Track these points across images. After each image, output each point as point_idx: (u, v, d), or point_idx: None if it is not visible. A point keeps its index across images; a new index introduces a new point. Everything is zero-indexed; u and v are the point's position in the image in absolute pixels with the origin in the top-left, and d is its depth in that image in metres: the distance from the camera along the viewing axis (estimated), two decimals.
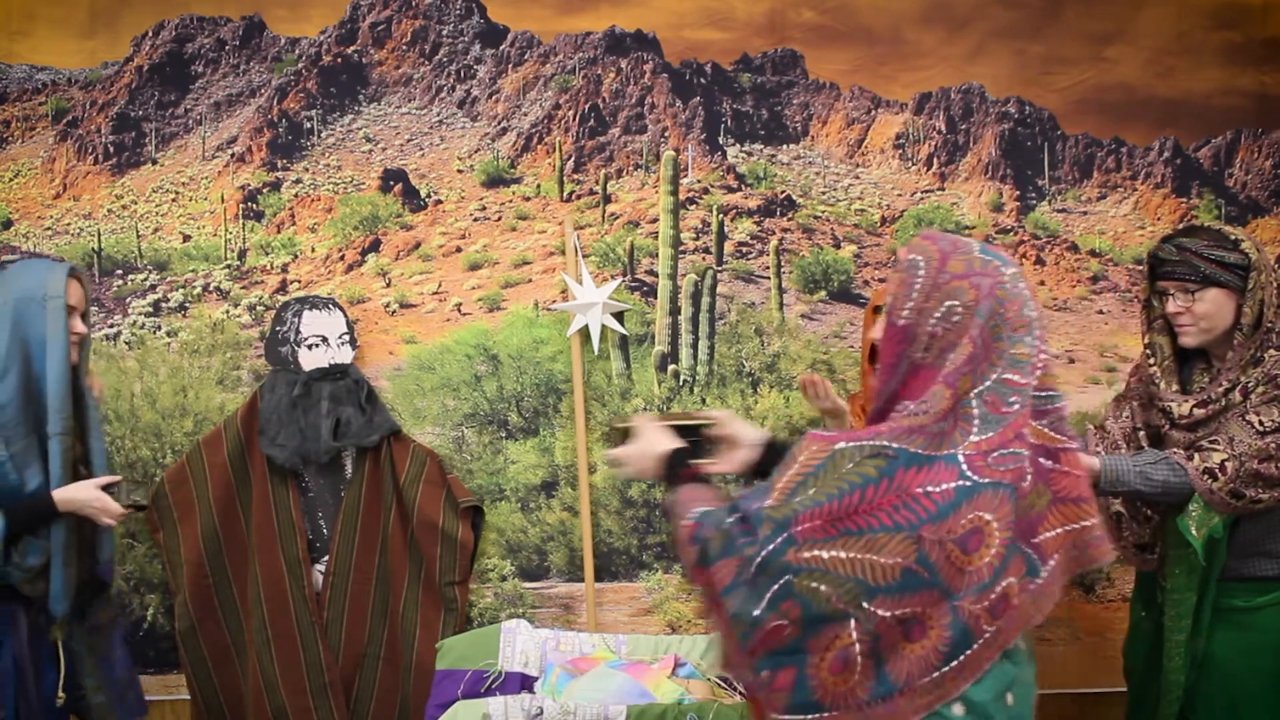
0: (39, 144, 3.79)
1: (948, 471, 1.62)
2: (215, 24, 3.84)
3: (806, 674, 1.64)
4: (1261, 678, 2.51)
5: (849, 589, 1.61)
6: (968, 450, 1.64)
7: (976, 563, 1.63)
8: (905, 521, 1.60)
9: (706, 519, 1.73)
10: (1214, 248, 2.48)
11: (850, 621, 1.62)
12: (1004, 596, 1.65)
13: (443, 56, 3.90)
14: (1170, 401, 2.56)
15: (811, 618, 1.63)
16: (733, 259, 3.83)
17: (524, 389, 3.79)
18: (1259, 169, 3.95)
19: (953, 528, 1.61)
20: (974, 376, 1.66)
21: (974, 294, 1.68)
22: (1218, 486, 2.41)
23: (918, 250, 1.74)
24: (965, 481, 1.62)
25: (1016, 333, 1.69)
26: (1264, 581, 2.51)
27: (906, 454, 1.63)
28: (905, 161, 3.94)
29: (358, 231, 3.81)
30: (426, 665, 3.19)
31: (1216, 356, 2.57)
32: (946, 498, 1.61)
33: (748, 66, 3.90)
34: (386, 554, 3.41)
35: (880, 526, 1.60)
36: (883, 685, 1.63)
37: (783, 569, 1.62)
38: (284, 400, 3.34)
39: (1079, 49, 3.89)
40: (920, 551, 1.60)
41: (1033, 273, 3.92)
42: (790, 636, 1.64)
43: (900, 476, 1.62)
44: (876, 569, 1.60)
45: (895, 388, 1.71)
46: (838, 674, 1.63)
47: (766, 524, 1.64)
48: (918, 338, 1.69)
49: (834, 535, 1.61)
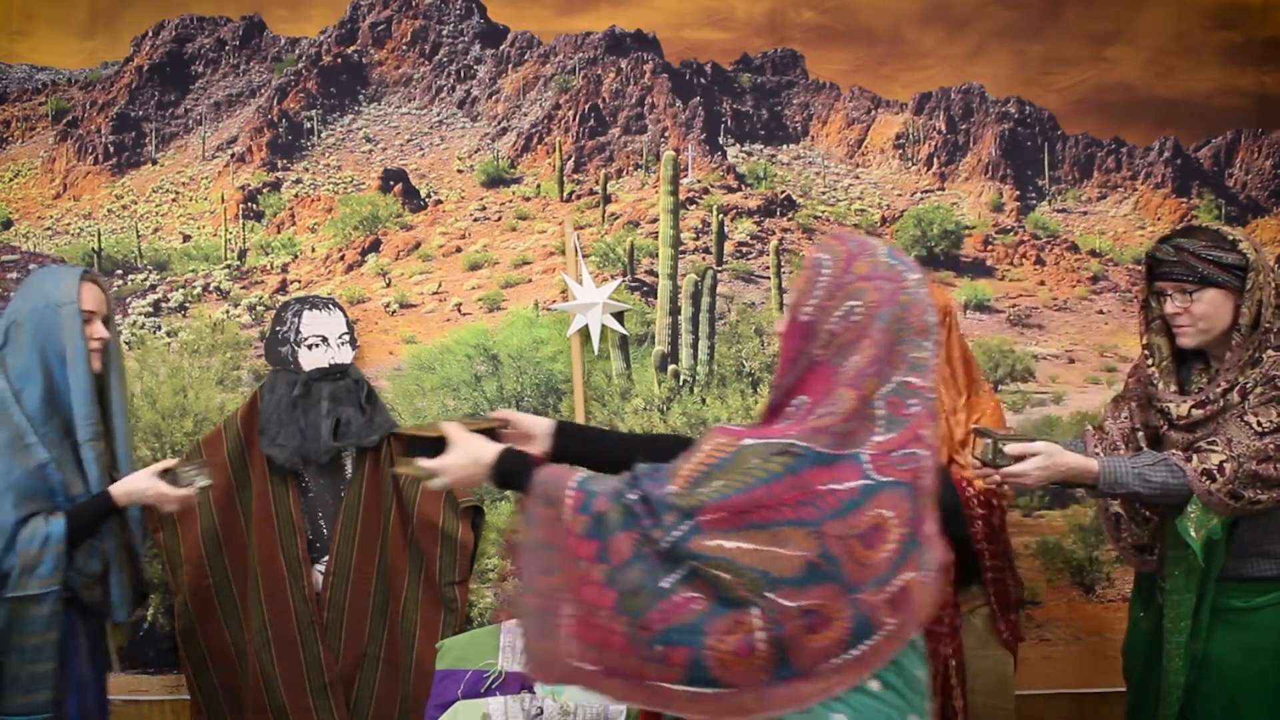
0: (39, 144, 3.79)
1: (851, 470, 1.68)
2: (215, 24, 3.84)
3: (703, 655, 1.68)
4: (1261, 678, 2.50)
5: (752, 579, 1.66)
6: (871, 450, 1.69)
7: (876, 557, 1.68)
8: (809, 517, 1.66)
9: (597, 489, 1.76)
10: (1212, 248, 2.48)
11: (753, 609, 1.67)
12: (904, 590, 1.72)
13: (443, 56, 3.90)
14: (1169, 402, 2.56)
15: (718, 601, 1.67)
16: (733, 259, 3.83)
17: (524, 389, 3.79)
18: (1259, 169, 3.95)
19: (855, 524, 1.67)
20: (878, 379, 1.71)
21: (876, 296, 1.73)
22: (1216, 488, 2.41)
23: (825, 249, 1.80)
24: (868, 480, 1.68)
25: (918, 337, 1.74)
26: (1263, 582, 2.51)
27: (813, 453, 1.68)
28: (905, 161, 3.94)
29: (358, 231, 3.81)
30: (426, 665, 3.19)
31: (1215, 357, 2.56)
32: (850, 495, 1.67)
33: (748, 66, 3.90)
34: (386, 554, 3.41)
35: (785, 521, 1.66)
36: (784, 669, 1.68)
37: (687, 556, 1.68)
38: (284, 400, 3.34)
39: (1079, 49, 3.89)
40: (823, 546, 1.66)
41: (1033, 272, 3.92)
42: (697, 613, 1.68)
43: (805, 474, 1.67)
44: (780, 561, 1.66)
45: (793, 382, 1.76)
46: (742, 656, 1.68)
47: (672, 512, 1.69)
48: (818, 335, 1.74)
49: (739, 527, 1.67)
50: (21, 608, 2.58)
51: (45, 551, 2.57)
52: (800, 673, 1.69)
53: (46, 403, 2.62)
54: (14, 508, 2.57)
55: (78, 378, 2.63)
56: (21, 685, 2.57)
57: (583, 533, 1.75)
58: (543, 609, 1.78)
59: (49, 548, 2.57)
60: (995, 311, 3.90)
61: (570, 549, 1.76)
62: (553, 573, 1.78)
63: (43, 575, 2.57)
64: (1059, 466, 2.46)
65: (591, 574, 1.73)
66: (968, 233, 3.91)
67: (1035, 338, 3.91)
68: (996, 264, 3.92)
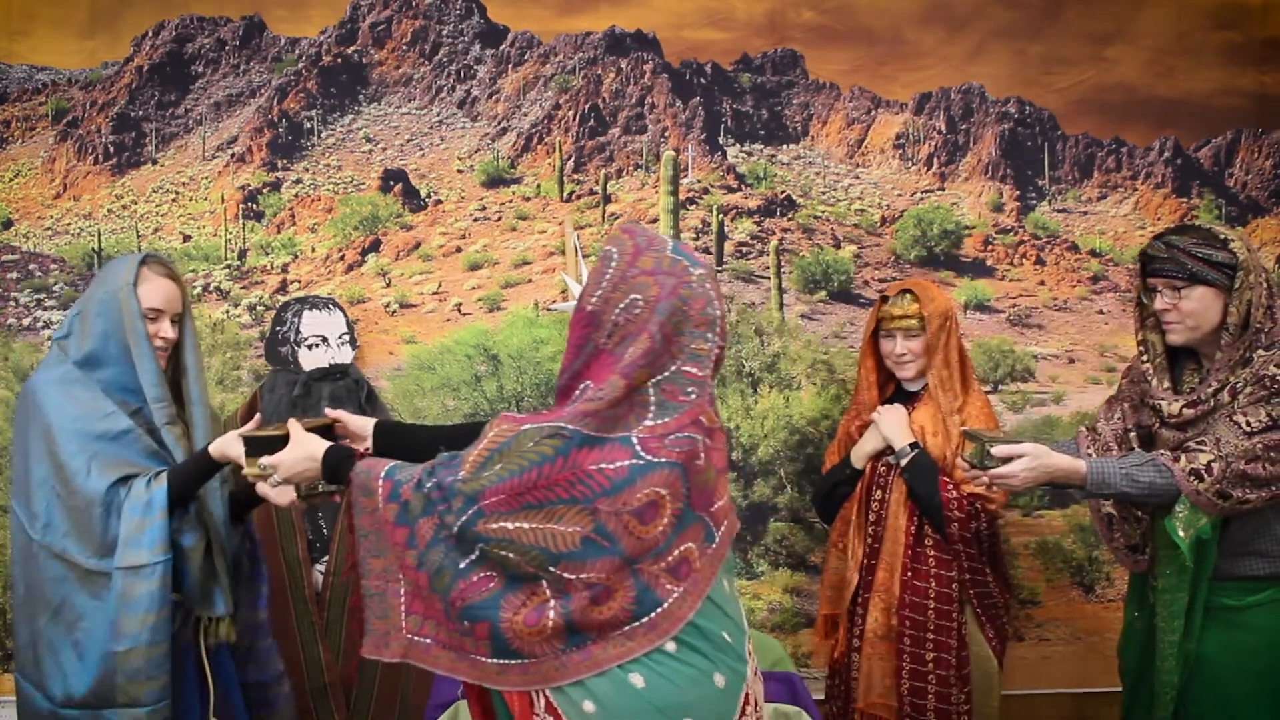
0: (39, 144, 3.79)
1: (621, 451, 1.79)
2: (215, 24, 3.84)
3: (500, 628, 1.80)
4: (1254, 677, 2.51)
5: (534, 556, 1.77)
6: (641, 433, 1.80)
7: (652, 531, 1.80)
8: (581, 495, 1.77)
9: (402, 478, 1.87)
10: (1202, 246, 2.48)
11: (543, 581, 1.79)
12: (684, 560, 1.84)
13: (443, 56, 3.91)
14: (1161, 399, 2.56)
15: (510, 577, 1.79)
16: (733, 259, 3.83)
17: (524, 389, 3.79)
18: (1259, 169, 3.95)
19: (628, 500, 1.78)
20: (651, 369, 1.82)
21: (657, 290, 1.83)
22: (1204, 488, 2.41)
23: (615, 242, 1.90)
24: (638, 460, 1.79)
25: (698, 329, 1.85)
26: (1255, 581, 2.51)
27: (580, 435, 1.78)
28: (905, 161, 3.94)
29: (358, 231, 3.81)
30: None
31: (1205, 356, 2.57)
32: (620, 474, 1.78)
33: (748, 66, 3.90)
34: None
35: (558, 499, 1.77)
36: (576, 637, 1.80)
37: (474, 538, 1.79)
38: (284, 400, 3.33)
39: (1079, 49, 3.89)
40: (597, 522, 1.77)
41: (1033, 273, 3.92)
42: (492, 590, 1.80)
43: (574, 455, 1.78)
44: (557, 537, 1.77)
45: (579, 367, 1.87)
46: (532, 626, 1.79)
47: (459, 497, 1.80)
48: (603, 324, 1.85)
49: (517, 508, 1.78)
50: (130, 582, 2.35)
51: (148, 520, 2.36)
52: (593, 638, 1.80)
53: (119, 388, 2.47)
54: (100, 476, 2.37)
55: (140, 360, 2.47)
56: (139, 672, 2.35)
57: (394, 520, 1.87)
58: (380, 590, 1.89)
59: (151, 515, 2.36)
60: (995, 311, 3.90)
61: (388, 535, 1.88)
62: (382, 555, 1.89)
63: (150, 545, 2.35)
64: (1046, 468, 2.47)
65: (406, 557, 1.85)
66: (968, 233, 3.91)
67: (1035, 338, 3.91)
68: (996, 264, 3.92)
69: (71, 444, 2.40)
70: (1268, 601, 2.50)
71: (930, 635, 2.99)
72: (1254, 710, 2.50)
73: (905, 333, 3.07)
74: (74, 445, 2.40)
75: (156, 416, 2.49)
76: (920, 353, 3.08)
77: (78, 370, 2.47)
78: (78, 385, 2.46)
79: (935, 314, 3.04)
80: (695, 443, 1.84)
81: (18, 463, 2.50)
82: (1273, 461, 2.38)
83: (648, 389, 1.82)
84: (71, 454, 2.39)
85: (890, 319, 3.09)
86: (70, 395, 2.44)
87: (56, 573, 2.40)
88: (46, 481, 2.41)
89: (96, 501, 2.37)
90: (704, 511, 1.87)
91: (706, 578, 1.86)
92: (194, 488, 2.45)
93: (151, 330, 2.52)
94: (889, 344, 3.12)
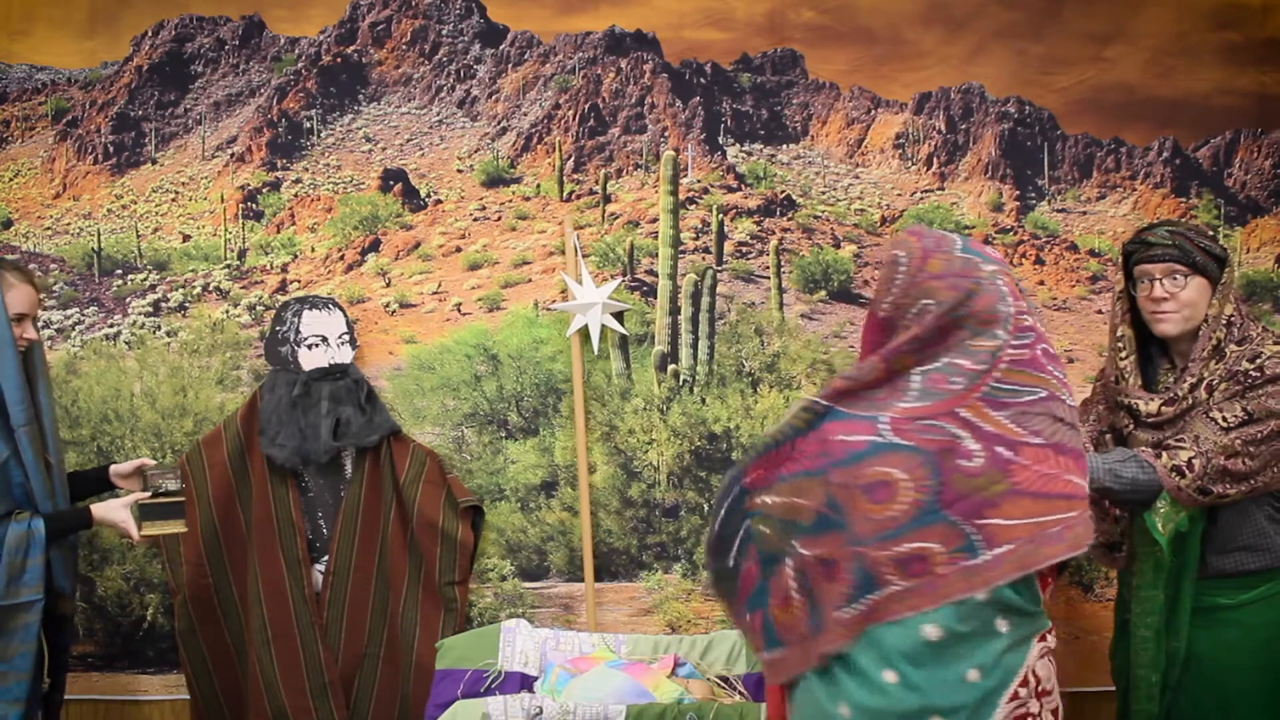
0: (39, 144, 3.79)
1: (865, 427, 1.78)
2: (215, 24, 3.84)
3: (770, 615, 1.82)
4: (1249, 674, 2.51)
5: (782, 529, 1.80)
6: (894, 414, 1.78)
7: (882, 513, 1.75)
8: (818, 466, 1.78)
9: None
10: (1201, 237, 2.51)
11: (786, 560, 1.80)
12: (919, 557, 1.75)
13: (443, 56, 3.91)
14: (1137, 399, 2.56)
15: (765, 558, 1.81)
16: (733, 259, 3.84)
17: (524, 389, 3.79)
18: (1259, 169, 3.95)
19: (859, 474, 1.75)
20: (918, 356, 1.80)
21: (948, 294, 1.80)
22: (1185, 484, 2.42)
23: (900, 246, 1.87)
24: (879, 438, 1.76)
25: (983, 326, 1.79)
26: (1247, 576, 2.51)
27: (833, 410, 1.80)
28: (905, 161, 3.94)
29: (357, 231, 3.81)
30: (426, 665, 3.19)
31: (1179, 354, 2.57)
32: (857, 447, 1.77)
33: (748, 66, 3.90)
34: (386, 554, 3.41)
35: (803, 471, 1.79)
36: (815, 618, 1.79)
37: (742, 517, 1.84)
38: (284, 400, 3.34)
39: (1079, 49, 3.89)
40: (829, 494, 1.77)
41: (1032, 272, 3.92)
42: (757, 579, 1.82)
43: (824, 428, 1.80)
44: (800, 510, 1.79)
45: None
46: (783, 609, 1.81)
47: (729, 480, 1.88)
48: (896, 329, 1.83)
49: (772, 482, 1.81)
50: (10, 616, 2.60)
51: (30, 561, 2.60)
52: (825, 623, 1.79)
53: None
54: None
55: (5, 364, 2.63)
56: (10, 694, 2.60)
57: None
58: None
59: (33, 556, 2.61)
60: None
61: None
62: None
63: (30, 583, 2.60)
64: None
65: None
66: (968, 233, 3.91)
67: None
68: None
69: None
70: (1262, 597, 2.50)
71: None
72: (1249, 708, 2.51)
73: None
74: None
75: (14, 417, 2.63)
76: None
77: None
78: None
79: None
80: (949, 435, 1.76)
81: None
82: (1251, 456, 2.40)
83: (912, 374, 1.80)
84: None
85: None
86: None
87: None
88: None
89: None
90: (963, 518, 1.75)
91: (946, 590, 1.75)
92: (63, 536, 2.71)
93: (15, 333, 2.67)
94: None
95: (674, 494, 3.78)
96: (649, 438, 3.79)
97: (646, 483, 3.79)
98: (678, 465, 3.80)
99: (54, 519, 2.68)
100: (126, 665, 3.65)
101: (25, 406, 2.66)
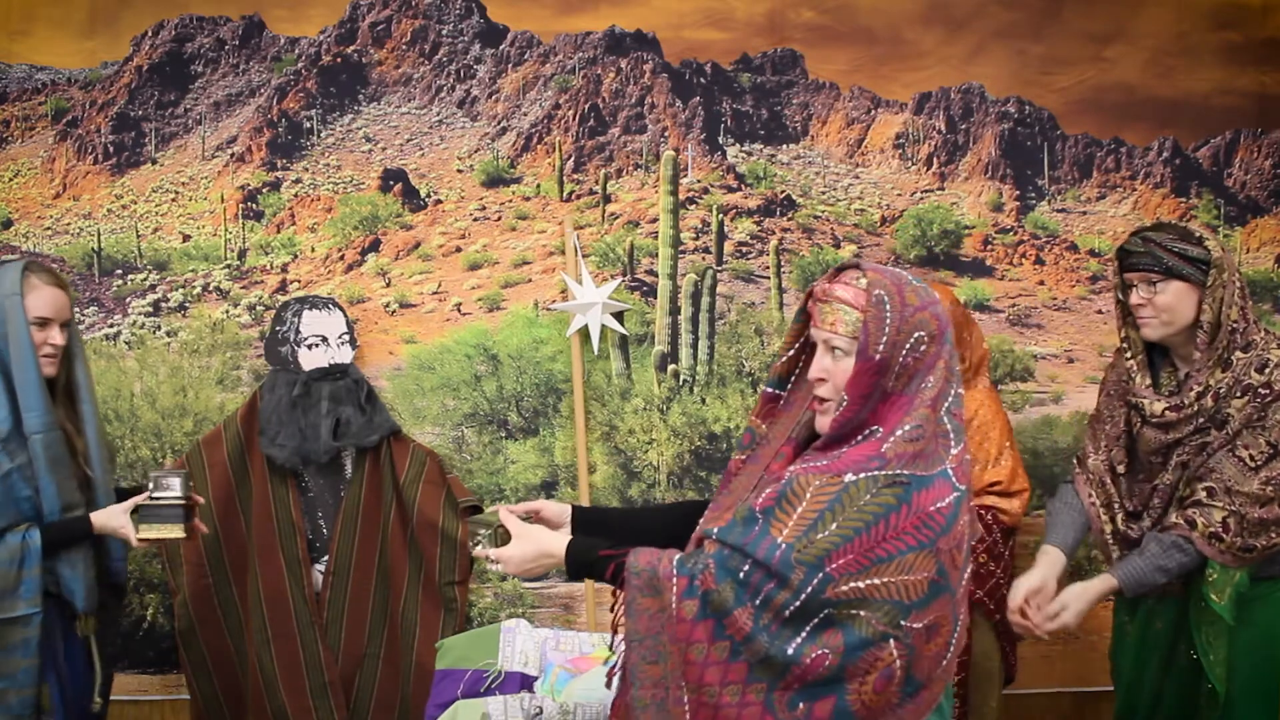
0: (39, 144, 3.79)
1: (945, 486, 1.76)
2: (215, 24, 3.84)
3: (847, 700, 1.73)
4: (1247, 671, 2.51)
5: (887, 611, 1.71)
6: (952, 463, 1.78)
7: (963, 558, 1.80)
8: (926, 539, 1.72)
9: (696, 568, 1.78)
10: (1178, 241, 2.50)
11: (890, 642, 1.72)
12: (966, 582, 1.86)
13: (443, 56, 3.90)
14: (1143, 398, 2.56)
15: (853, 644, 1.72)
16: (733, 259, 3.83)
17: (524, 389, 3.79)
18: (1258, 169, 3.95)
19: (956, 534, 1.76)
20: (944, 397, 1.80)
21: (935, 324, 1.80)
22: (1225, 547, 2.42)
23: (874, 285, 1.81)
24: (957, 492, 1.77)
25: (955, 350, 1.85)
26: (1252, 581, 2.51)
27: (917, 479, 1.74)
28: (905, 161, 3.94)
29: (357, 231, 3.81)
30: (426, 665, 3.18)
31: (1180, 357, 2.57)
32: (950, 510, 1.75)
33: (748, 66, 3.90)
34: (386, 554, 3.41)
35: (907, 548, 1.71)
36: (910, 686, 1.76)
37: (822, 605, 1.71)
38: (284, 400, 3.33)
39: (1079, 49, 3.89)
40: (939, 563, 1.74)
41: (1033, 272, 3.92)
42: (830, 666, 1.72)
43: (915, 500, 1.73)
44: (909, 588, 1.72)
45: (865, 416, 1.80)
46: (881, 691, 1.74)
47: (799, 569, 1.71)
48: (891, 369, 1.78)
49: (867, 565, 1.70)
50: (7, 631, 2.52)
51: (25, 573, 2.51)
52: (921, 684, 1.77)
53: (12, 409, 2.55)
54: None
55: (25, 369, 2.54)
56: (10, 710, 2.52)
57: (694, 617, 1.76)
58: (658, 698, 1.79)
59: (28, 569, 2.51)
60: (995, 311, 3.90)
61: (681, 635, 1.77)
62: (662, 660, 1.79)
63: (26, 596, 2.51)
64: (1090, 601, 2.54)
65: (711, 653, 1.75)
66: (967, 233, 3.91)
67: (1035, 337, 3.91)
68: (996, 264, 3.92)
69: None
70: (1260, 597, 2.50)
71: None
72: (1249, 706, 2.51)
73: None
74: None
75: (27, 423, 2.53)
76: None
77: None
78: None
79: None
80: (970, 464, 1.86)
81: None
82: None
83: (943, 418, 1.80)
84: None
85: None
86: None
87: None
88: None
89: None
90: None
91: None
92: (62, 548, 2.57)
93: (40, 338, 2.57)
94: None
95: (674, 494, 3.78)
96: (649, 438, 3.79)
97: (646, 483, 3.79)
98: (678, 465, 3.80)
99: (51, 529, 2.56)
100: (126, 665, 3.65)
101: (41, 414, 2.55)
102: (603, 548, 1.90)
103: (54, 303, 2.60)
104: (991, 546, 3.03)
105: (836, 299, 1.82)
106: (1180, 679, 2.59)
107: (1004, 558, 3.08)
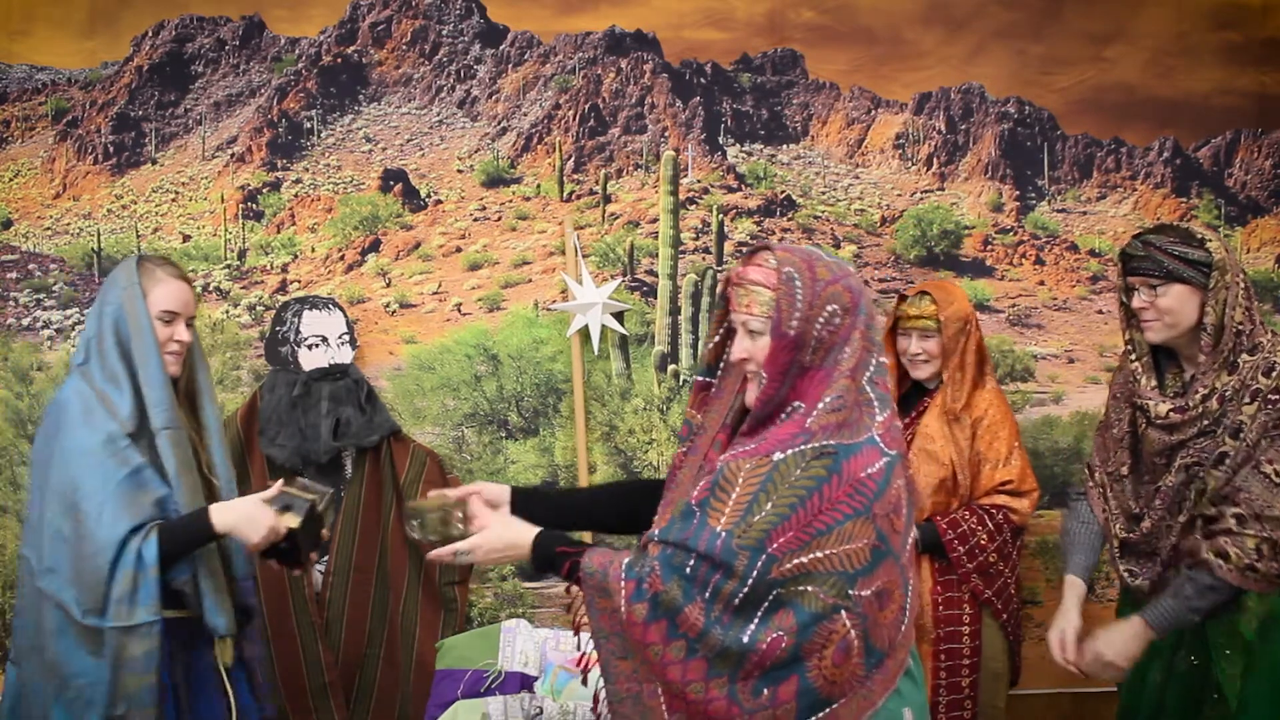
0: (39, 144, 3.79)
1: (873, 452, 1.78)
2: (215, 24, 3.84)
3: (809, 678, 1.74)
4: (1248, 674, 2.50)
5: (833, 583, 1.73)
6: (878, 430, 1.80)
7: (902, 523, 1.81)
8: (861, 506, 1.74)
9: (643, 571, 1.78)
10: (1179, 244, 2.48)
11: (841, 613, 1.74)
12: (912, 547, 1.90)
13: (443, 56, 3.90)
14: (1149, 399, 2.56)
15: (805, 621, 1.73)
16: (733, 259, 3.83)
17: (524, 389, 3.79)
18: (1259, 169, 3.95)
19: (890, 498, 1.78)
20: (864, 366, 1.82)
21: (849, 296, 1.82)
22: (1260, 576, 2.38)
23: (783, 263, 1.83)
24: (886, 457, 1.79)
25: (874, 320, 1.87)
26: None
27: (844, 447, 1.76)
28: (905, 161, 3.94)
29: (358, 231, 3.81)
30: (426, 665, 3.19)
31: (1186, 359, 2.57)
32: (881, 475, 1.77)
33: (748, 66, 3.90)
34: (386, 554, 3.41)
35: (844, 517, 1.73)
36: (873, 656, 1.78)
37: (769, 586, 1.72)
38: (284, 400, 3.34)
39: (1079, 49, 3.89)
40: (877, 528, 1.76)
41: (1033, 272, 3.92)
42: (787, 647, 1.73)
43: (845, 468, 1.75)
44: (851, 557, 1.74)
45: (785, 393, 1.81)
46: (841, 664, 1.75)
47: (742, 554, 1.72)
48: (806, 344, 1.80)
49: (808, 540, 1.72)
50: (126, 640, 2.27)
51: (141, 576, 2.27)
52: (884, 654, 1.79)
53: (137, 408, 2.37)
54: (116, 520, 2.28)
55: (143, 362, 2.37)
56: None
57: (644, 619, 1.77)
58: (633, 692, 1.80)
59: (144, 572, 2.27)
60: (995, 311, 3.90)
61: (636, 638, 1.78)
62: (630, 656, 1.80)
63: (145, 603, 2.27)
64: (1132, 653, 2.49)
65: (667, 654, 1.75)
66: (967, 233, 3.91)
67: (1035, 337, 3.91)
68: (996, 264, 3.92)
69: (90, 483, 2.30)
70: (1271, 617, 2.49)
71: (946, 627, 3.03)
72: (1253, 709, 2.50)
73: (920, 333, 3.10)
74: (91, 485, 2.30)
75: (154, 419, 2.37)
76: (935, 354, 3.10)
77: (95, 396, 2.37)
78: (98, 415, 2.35)
79: (953, 318, 3.06)
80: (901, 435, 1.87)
81: (33, 498, 2.40)
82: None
83: (865, 387, 1.82)
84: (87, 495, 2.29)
85: (906, 318, 3.12)
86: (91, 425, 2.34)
87: (56, 623, 2.31)
88: (54, 522, 2.32)
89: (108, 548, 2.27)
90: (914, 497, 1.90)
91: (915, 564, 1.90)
92: (184, 552, 2.34)
93: (166, 334, 2.42)
94: (904, 342, 3.14)
95: None
96: (649, 438, 3.79)
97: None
98: None
99: (167, 529, 2.30)
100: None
101: (165, 409, 2.36)
102: (562, 544, 1.90)
103: (180, 296, 2.45)
104: (1001, 546, 3.03)
105: (750, 281, 1.85)
106: (1182, 683, 2.59)
107: (1012, 558, 3.08)
